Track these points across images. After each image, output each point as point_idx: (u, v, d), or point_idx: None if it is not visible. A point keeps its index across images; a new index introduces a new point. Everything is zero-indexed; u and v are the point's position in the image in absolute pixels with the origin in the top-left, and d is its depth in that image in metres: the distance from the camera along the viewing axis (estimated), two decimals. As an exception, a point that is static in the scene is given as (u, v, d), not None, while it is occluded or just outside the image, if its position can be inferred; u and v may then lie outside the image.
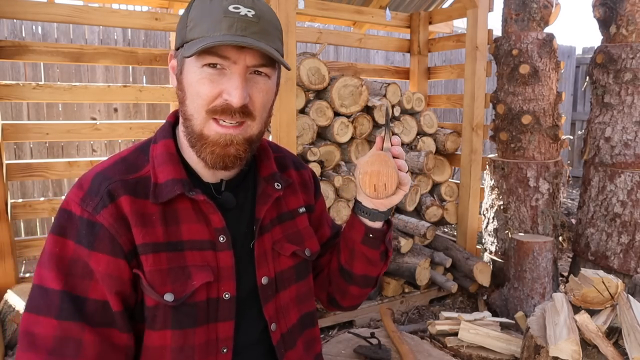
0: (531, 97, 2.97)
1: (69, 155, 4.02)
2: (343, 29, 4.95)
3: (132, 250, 0.77)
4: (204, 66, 0.75)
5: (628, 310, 1.68)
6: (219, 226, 0.83)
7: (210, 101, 0.76)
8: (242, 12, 0.74)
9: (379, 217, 0.89)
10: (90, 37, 4.13)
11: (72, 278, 0.74)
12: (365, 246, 0.92)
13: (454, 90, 6.65)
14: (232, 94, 0.74)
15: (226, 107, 0.75)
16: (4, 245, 2.22)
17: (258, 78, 0.78)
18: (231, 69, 0.75)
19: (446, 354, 1.90)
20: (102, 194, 0.77)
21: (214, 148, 0.78)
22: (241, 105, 0.75)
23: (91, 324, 0.74)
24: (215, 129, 0.77)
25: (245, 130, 0.79)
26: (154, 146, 0.85)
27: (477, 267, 2.95)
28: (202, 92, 0.76)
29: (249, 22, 0.74)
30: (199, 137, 0.78)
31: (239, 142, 0.78)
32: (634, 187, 2.71)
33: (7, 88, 2.26)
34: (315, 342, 1.01)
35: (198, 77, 0.76)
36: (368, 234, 0.91)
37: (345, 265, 0.97)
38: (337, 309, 1.09)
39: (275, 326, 0.90)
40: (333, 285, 1.03)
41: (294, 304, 0.94)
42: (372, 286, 1.01)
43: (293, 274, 0.93)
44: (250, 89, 0.77)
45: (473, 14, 3.12)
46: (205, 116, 0.77)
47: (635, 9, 2.73)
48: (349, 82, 2.86)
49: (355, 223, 0.92)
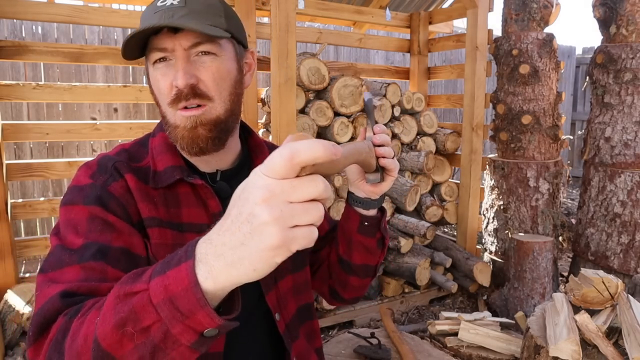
0: (531, 97, 2.97)
1: (69, 155, 4.03)
2: (343, 29, 4.95)
3: (140, 221, 0.79)
4: (154, 64, 0.80)
5: (628, 310, 1.68)
6: (216, 211, 0.85)
7: (167, 93, 0.80)
8: (167, 3, 0.77)
9: (371, 205, 0.91)
10: (90, 37, 4.13)
11: (92, 234, 0.73)
12: (361, 235, 0.94)
13: (454, 90, 6.65)
14: (176, 77, 0.78)
15: (178, 93, 0.78)
16: (4, 245, 2.22)
17: (204, 58, 0.80)
18: (173, 57, 0.79)
19: (446, 354, 1.90)
20: (110, 170, 0.81)
21: (184, 133, 0.81)
22: (188, 86, 0.77)
23: (116, 268, 0.72)
24: (180, 115, 0.80)
25: (209, 111, 0.81)
26: (153, 139, 0.89)
27: (477, 267, 2.95)
28: (160, 87, 0.81)
29: (175, 8, 0.77)
30: (172, 128, 0.82)
31: (204, 122, 0.81)
32: (634, 187, 2.71)
33: (7, 88, 2.26)
34: (315, 336, 1.02)
35: (154, 76, 0.81)
36: (363, 222, 0.93)
37: (344, 256, 0.98)
38: (340, 302, 1.11)
39: (279, 316, 0.91)
40: (333, 278, 1.05)
41: (291, 295, 0.95)
42: (372, 276, 1.03)
43: (289, 264, 0.94)
44: (197, 70, 0.79)
45: (473, 14, 3.12)
46: (171, 109, 0.81)
47: (635, 9, 2.73)
48: (349, 82, 2.86)
49: (350, 213, 0.94)
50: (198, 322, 0.50)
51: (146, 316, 0.51)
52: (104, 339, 0.53)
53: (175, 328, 0.50)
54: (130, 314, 0.52)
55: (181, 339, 0.51)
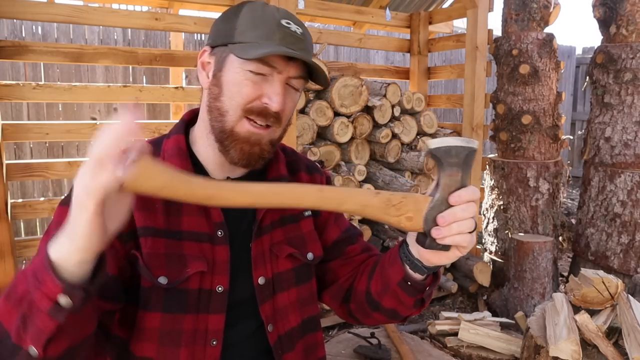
0: (531, 97, 2.97)
1: (69, 155, 4.03)
2: (343, 29, 4.94)
3: (132, 231, 0.80)
4: (249, 70, 0.80)
5: (628, 310, 1.68)
6: (217, 220, 0.85)
7: (249, 101, 0.81)
8: (292, 28, 0.81)
9: (420, 270, 0.77)
10: (90, 37, 4.13)
11: None
12: (400, 289, 0.84)
13: (454, 90, 6.65)
14: (273, 99, 0.80)
15: (263, 110, 0.81)
16: (4, 245, 2.22)
17: (291, 89, 0.85)
18: (273, 77, 0.81)
19: (446, 354, 1.90)
20: None
21: (243, 145, 0.83)
22: (277, 111, 0.81)
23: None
24: (247, 127, 0.82)
25: (272, 133, 0.84)
26: (167, 141, 0.90)
27: (477, 267, 2.95)
28: (243, 92, 0.81)
29: (298, 38, 0.81)
30: (230, 133, 0.83)
31: (265, 143, 0.84)
32: (634, 187, 2.71)
33: (7, 88, 2.25)
34: (318, 348, 1.00)
35: (241, 78, 0.81)
36: (406, 281, 0.81)
37: (375, 295, 0.90)
38: (357, 323, 1.07)
39: (272, 327, 0.90)
40: (357, 306, 0.97)
41: (295, 308, 0.94)
42: (400, 321, 0.96)
43: (292, 277, 0.93)
44: (286, 98, 0.83)
45: (473, 14, 3.12)
46: (240, 114, 0.81)
47: (635, 9, 2.73)
48: (349, 82, 2.86)
49: (396, 263, 0.82)
50: (48, 288, 0.59)
51: (20, 287, 0.62)
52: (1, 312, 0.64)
53: (35, 294, 0.60)
54: (12, 287, 0.63)
55: (40, 305, 0.59)
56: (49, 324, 0.60)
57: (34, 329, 0.61)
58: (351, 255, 1.01)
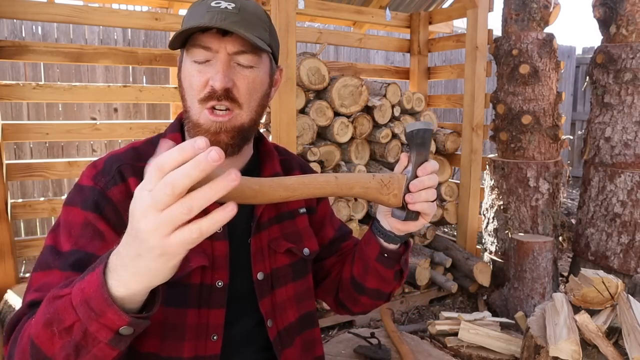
0: (531, 97, 2.97)
1: (69, 155, 4.02)
2: (343, 29, 4.94)
3: None
4: (193, 61, 0.82)
5: (628, 310, 1.68)
6: None
7: (200, 90, 0.81)
8: (222, 5, 0.80)
9: (393, 240, 0.87)
10: (90, 37, 4.13)
11: (82, 240, 0.77)
12: (379, 264, 0.91)
13: (454, 90, 6.65)
14: (214, 77, 0.79)
15: (211, 92, 0.80)
16: (4, 245, 2.22)
17: (243, 68, 0.83)
18: (215, 58, 0.81)
19: (446, 354, 1.90)
20: (113, 173, 0.83)
21: (206, 135, 0.81)
22: (224, 89, 0.79)
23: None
24: (207, 116, 0.82)
25: (235, 118, 0.83)
26: (163, 139, 0.89)
27: (477, 267, 2.95)
28: (193, 82, 0.82)
29: (229, 13, 0.79)
30: (195, 125, 0.83)
31: (228, 130, 0.83)
32: (634, 187, 2.71)
33: (7, 88, 2.26)
34: (316, 344, 1.01)
35: (189, 70, 0.82)
36: (383, 253, 0.89)
37: (358, 278, 0.96)
38: (348, 314, 1.10)
39: (272, 322, 0.91)
40: (344, 293, 1.03)
41: (292, 303, 0.95)
42: (385, 300, 1.01)
43: (290, 272, 0.95)
44: (235, 76, 0.81)
45: (473, 14, 3.12)
46: (198, 106, 0.82)
47: (635, 9, 2.73)
48: (349, 82, 2.86)
49: (371, 240, 0.90)
50: (110, 320, 0.55)
51: (67, 317, 0.57)
52: (37, 337, 0.60)
53: (92, 326, 0.56)
54: (54, 315, 0.58)
55: (99, 336, 0.56)
56: (110, 352, 0.59)
57: (90, 356, 0.59)
58: (344, 252, 1.07)
